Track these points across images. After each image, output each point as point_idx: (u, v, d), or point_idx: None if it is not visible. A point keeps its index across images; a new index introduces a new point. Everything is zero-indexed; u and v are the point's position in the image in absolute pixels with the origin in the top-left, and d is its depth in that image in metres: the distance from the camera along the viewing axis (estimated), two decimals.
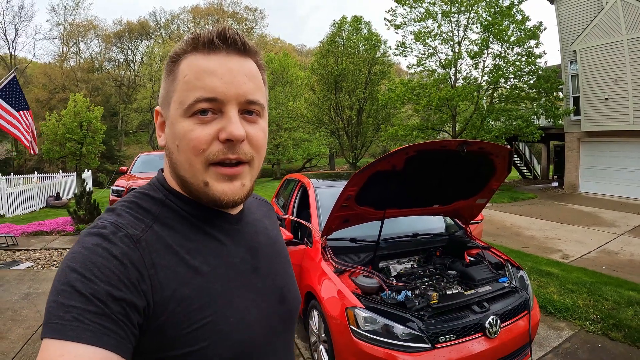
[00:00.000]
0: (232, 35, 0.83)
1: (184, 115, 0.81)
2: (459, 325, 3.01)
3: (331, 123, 29.71)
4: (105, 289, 0.68)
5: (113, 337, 0.67)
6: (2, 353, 4.13)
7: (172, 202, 0.89)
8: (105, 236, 0.75)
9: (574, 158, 17.41)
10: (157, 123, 0.92)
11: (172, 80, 0.85)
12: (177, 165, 0.86)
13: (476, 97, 18.37)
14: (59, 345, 0.63)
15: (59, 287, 0.68)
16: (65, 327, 0.64)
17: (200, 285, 0.81)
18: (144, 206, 0.86)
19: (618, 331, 4.52)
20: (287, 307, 1.02)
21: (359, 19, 29.13)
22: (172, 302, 0.76)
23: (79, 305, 0.66)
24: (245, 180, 0.87)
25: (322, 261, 3.76)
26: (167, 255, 0.80)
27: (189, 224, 0.88)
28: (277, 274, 1.03)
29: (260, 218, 1.11)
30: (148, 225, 0.82)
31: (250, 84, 0.84)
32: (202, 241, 0.87)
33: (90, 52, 52.13)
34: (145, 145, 45.69)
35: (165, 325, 0.75)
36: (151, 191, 0.91)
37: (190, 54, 0.83)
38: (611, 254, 8.01)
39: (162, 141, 0.91)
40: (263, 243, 1.03)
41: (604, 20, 15.28)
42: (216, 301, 0.82)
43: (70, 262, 0.71)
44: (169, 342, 0.75)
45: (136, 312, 0.71)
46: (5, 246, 8.74)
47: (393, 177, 3.31)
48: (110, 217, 0.82)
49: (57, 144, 20.97)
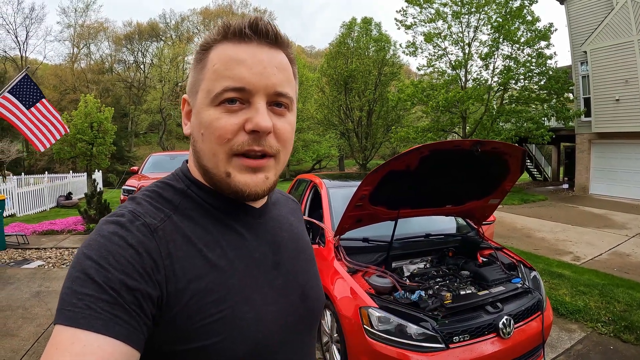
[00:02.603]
0: (264, 25, 0.81)
1: (211, 104, 0.80)
2: (473, 326, 3.00)
3: (341, 124, 29.70)
4: (119, 277, 0.68)
5: (125, 327, 0.66)
6: (12, 350, 4.15)
7: (194, 193, 0.88)
8: (122, 224, 0.75)
9: (585, 160, 17.28)
10: (183, 111, 0.91)
11: (200, 68, 0.84)
12: (200, 154, 0.85)
13: (486, 99, 18.30)
14: (70, 333, 0.63)
15: (74, 274, 0.68)
16: (77, 314, 0.64)
17: (217, 278, 0.80)
18: (165, 196, 0.86)
19: (630, 333, 4.48)
20: (308, 306, 0.99)
21: (369, 20, 29.11)
22: (186, 293, 0.75)
23: (93, 293, 0.66)
24: (269, 174, 0.85)
25: (335, 261, 3.76)
26: (184, 246, 0.79)
27: (209, 215, 0.86)
28: (299, 272, 1.00)
29: (286, 214, 1.09)
30: (167, 215, 0.81)
31: (280, 75, 0.82)
32: (222, 234, 0.86)
33: (101, 53, 52.59)
34: (155, 146, 45.88)
35: (178, 317, 0.74)
36: (174, 181, 0.90)
37: (221, 43, 0.82)
38: (623, 256, 7.96)
39: (187, 129, 0.90)
40: (286, 239, 1.00)
41: (614, 21, 15.16)
42: (232, 296, 0.81)
43: (86, 250, 0.71)
44: (182, 334, 0.74)
45: (150, 302, 0.71)
46: (16, 245, 8.81)
47: (407, 176, 3.31)
48: (130, 205, 0.82)
49: (67, 144, 21.15)
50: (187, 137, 0.91)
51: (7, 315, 5.02)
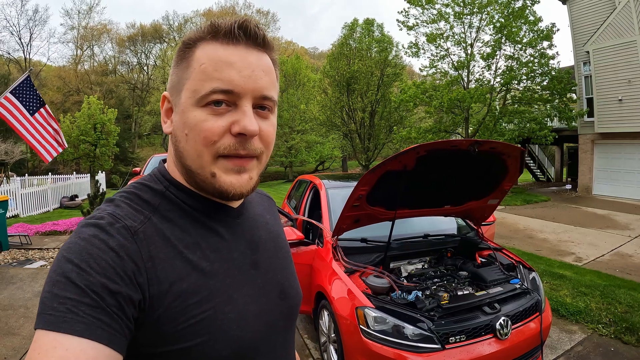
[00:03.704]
0: (253, 28, 0.81)
1: (197, 105, 0.79)
2: (470, 326, 2.99)
3: (343, 125, 29.65)
4: (100, 281, 0.67)
5: (107, 331, 0.66)
6: (14, 349, 4.23)
7: (173, 194, 0.87)
8: (102, 227, 0.74)
9: (588, 160, 17.23)
10: (162, 109, 0.90)
11: (185, 67, 0.82)
12: (183, 155, 0.84)
13: (489, 99, 18.27)
14: (51, 337, 0.63)
15: (54, 278, 0.67)
16: (59, 318, 0.64)
17: (198, 280, 0.80)
18: (144, 197, 0.85)
19: (631, 335, 4.46)
20: (288, 303, 1.00)
21: (371, 22, 29.04)
22: (169, 296, 0.75)
23: (74, 297, 0.65)
24: (252, 174, 0.86)
25: (333, 261, 3.76)
26: (165, 248, 0.79)
27: (188, 216, 0.86)
28: (277, 270, 1.01)
29: (262, 213, 1.09)
30: (147, 217, 0.81)
31: (267, 79, 0.83)
32: (202, 235, 0.86)
33: (104, 55, 52.94)
34: (159, 147, 46.00)
35: (161, 320, 0.74)
36: (152, 182, 0.89)
37: (208, 42, 0.81)
38: (625, 256, 7.92)
39: (167, 128, 0.88)
40: (264, 238, 1.01)
41: (616, 21, 15.12)
42: (214, 296, 0.81)
43: (66, 253, 0.70)
44: (166, 336, 0.75)
45: (132, 305, 0.70)
46: (19, 245, 8.87)
47: (404, 177, 3.30)
48: (109, 207, 0.81)
49: (71, 145, 21.20)
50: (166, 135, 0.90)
51: (9, 314, 5.08)
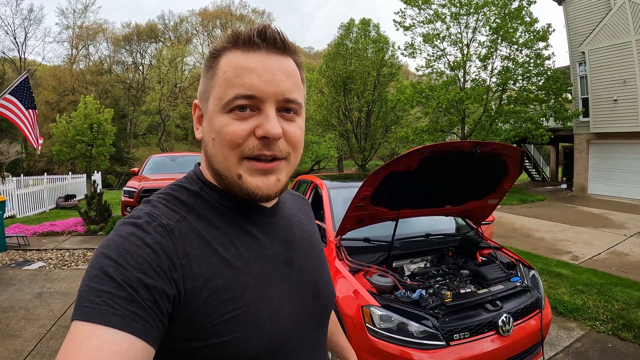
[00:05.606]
0: (272, 33, 0.83)
1: (222, 111, 0.82)
2: (473, 323, 3.03)
3: (340, 125, 29.70)
4: (136, 275, 0.70)
5: (141, 324, 0.68)
6: (15, 351, 4.15)
7: (207, 194, 0.90)
8: (139, 225, 0.77)
9: (583, 160, 17.36)
10: (194, 116, 0.94)
11: (211, 75, 0.86)
12: (212, 158, 0.87)
13: (485, 99, 18.34)
14: (87, 328, 0.65)
15: (92, 272, 0.70)
16: (95, 310, 0.66)
17: (233, 276, 0.82)
18: (180, 198, 0.88)
19: (628, 331, 4.54)
20: (321, 302, 1.01)
21: (367, 22, 29.12)
22: (204, 292, 0.77)
23: (110, 290, 0.67)
24: (280, 175, 0.88)
25: (337, 260, 3.78)
26: (200, 246, 0.81)
27: (223, 216, 0.89)
28: (312, 268, 1.02)
29: (296, 213, 1.12)
30: (182, 216, 0.83)
31: (289, 82, 0.84)
32: (236, 234, 0.88)
33: (99, 54, 52.61)
34: (154, 147, 45.72)
35: (196, 315, 0.76)
36: (187, 183, 0.92)
37: (230, 50, 0.84)
38: (621, 255, 8.01)
39: (199, 134, 0.92)
40: (298, 237, 1.03)
41: (612, 21, 15.24)
42: (248, 293, 0.82)
43: (105, 249, 0.73)
44: (199, 331, 0.76)
45: (166, 300, 0.72)
46: (17, 246, 8.86)
47: (407, 177, 3.34)
48: (146, 208, 0.84)
49: (67, 145, 21.06)
50: (199, 140, 0.94)
51: (10, 316, 5.03)
